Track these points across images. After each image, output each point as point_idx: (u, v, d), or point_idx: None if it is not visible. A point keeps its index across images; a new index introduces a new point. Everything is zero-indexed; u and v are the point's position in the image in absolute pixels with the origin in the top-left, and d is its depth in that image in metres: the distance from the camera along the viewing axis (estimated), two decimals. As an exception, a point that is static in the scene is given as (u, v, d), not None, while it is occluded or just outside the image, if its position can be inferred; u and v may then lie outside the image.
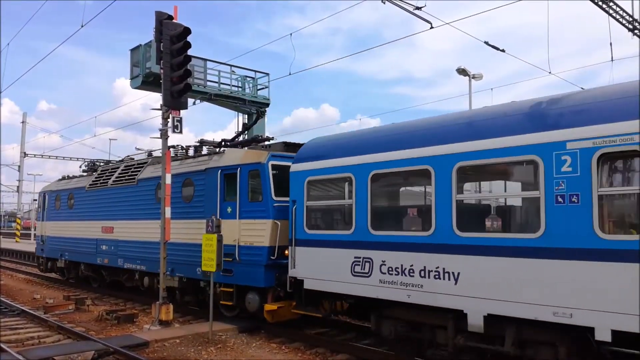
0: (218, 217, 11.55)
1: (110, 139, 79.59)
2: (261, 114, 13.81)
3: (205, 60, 21.79)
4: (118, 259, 15.69)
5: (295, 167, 10.13)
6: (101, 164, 20.13)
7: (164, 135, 11.99)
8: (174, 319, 11.98)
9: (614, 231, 6.05)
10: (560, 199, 6.36)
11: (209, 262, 10.56)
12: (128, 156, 18.18)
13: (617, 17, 14.81)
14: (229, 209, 11.65)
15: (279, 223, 10.61)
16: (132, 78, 20.64)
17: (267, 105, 23.09)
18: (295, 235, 9.94)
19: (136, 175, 15.29)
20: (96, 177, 17.87)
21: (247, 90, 22.83)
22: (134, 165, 16.17)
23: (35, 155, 44.45)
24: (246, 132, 13.62)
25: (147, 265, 14.29)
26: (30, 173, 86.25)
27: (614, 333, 5.87)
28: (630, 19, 15.00)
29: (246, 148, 12.60)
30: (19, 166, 45.06)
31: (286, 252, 10.31)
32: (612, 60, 16.36)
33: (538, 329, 6.66)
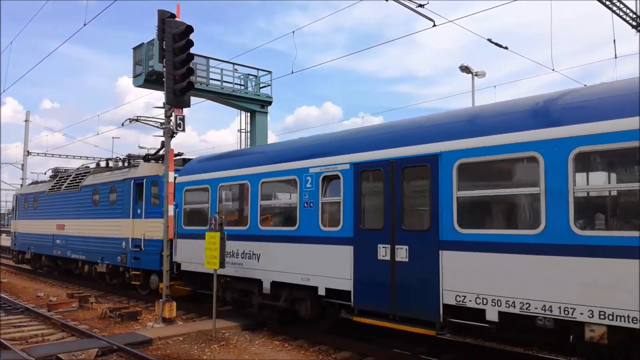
0: (131, 217, 14.99)
1: (113, 137, 78.44)
2: (174, 133, 17.05)
3: (208, 58, 21.74)
4: (67, 250, 19.15)
5: (178, 179, 13.52)
6: (63, 170, 23.56)
7: (166, 134, 12.23)
8: (178, 317, 12.14)
9: (328, 225, 9.44)
10: (306, 205, 9.78)
11: (212, 260, 10.37)
12: (83, 165, 21.57)
13: (621, 14, 14.89)
14: (139, 211, 15.07)
15: None
16: (134, 76, 20.79)
17: (270, 103, 23.37)
18: (177, 230, 13.33)
19: (80, 182, 18.71)
20: (55, 183, 21.30)
21: (250, 89, 22.92)
22: (81, 173, 19.61)
23: (38, 153, 44.31)
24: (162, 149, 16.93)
25: (87, 255, 17.75)
26: (33, 171, 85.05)
27: (327, 290, 9.29)
28: (634, 16, 15.02)
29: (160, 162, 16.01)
30: (23, 164, 43.93)
31: None
32: (615, 57, 16.36)
33: (299, 290, 10.07)
